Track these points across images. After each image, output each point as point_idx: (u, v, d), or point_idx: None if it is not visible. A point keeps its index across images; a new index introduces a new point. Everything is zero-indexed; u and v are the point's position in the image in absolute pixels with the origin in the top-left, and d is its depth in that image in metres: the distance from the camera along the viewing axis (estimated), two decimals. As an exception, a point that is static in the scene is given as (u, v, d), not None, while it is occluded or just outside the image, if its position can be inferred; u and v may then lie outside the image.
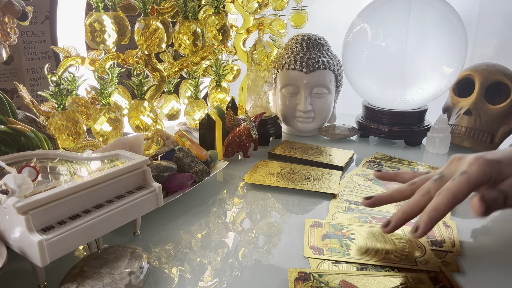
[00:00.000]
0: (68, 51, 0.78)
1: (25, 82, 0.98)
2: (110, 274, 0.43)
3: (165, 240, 0.56)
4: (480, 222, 0.61)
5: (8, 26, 0.65)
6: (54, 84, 0.68)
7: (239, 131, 0.84)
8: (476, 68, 0.93)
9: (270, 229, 0.60)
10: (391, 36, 0.87)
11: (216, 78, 1.00)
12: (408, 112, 0.96)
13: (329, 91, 0.97)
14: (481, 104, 0.89)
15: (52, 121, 0.69)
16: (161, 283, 0.47)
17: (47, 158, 0.54)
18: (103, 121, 0.73)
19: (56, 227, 0.42)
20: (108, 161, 0.53)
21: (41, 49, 0.99)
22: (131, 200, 0.49)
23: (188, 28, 0.82)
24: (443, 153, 0.90)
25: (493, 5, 1.21)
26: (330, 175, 0.76)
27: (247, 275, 0.49)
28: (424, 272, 0.48)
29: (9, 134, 0.55)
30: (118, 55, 0.81)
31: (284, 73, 0.97)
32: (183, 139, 0.72)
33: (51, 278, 0.45)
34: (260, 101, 0.96)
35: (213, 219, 0.63)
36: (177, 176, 0.65)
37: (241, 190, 0.73)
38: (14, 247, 0.43)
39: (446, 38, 0.86)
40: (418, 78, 0.88)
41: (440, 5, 0.88)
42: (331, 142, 0.98)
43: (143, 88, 0.77)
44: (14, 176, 0.41)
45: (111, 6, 0.76)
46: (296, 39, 1.00)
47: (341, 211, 0.63)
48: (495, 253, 0.54)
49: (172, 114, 0.97)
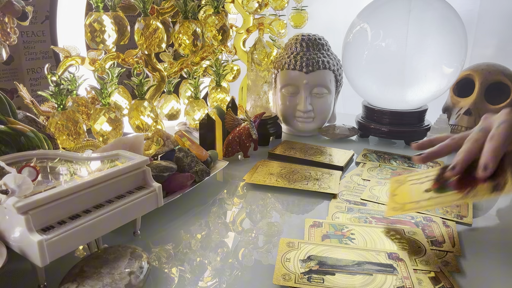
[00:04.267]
0: (68, 51, 0.78)
1: (25, 82, 0.98)
2: (110, 274, 0.43)
3: (165, 240, 0.56)
4: (480, 222, 0.61)
5: (8, 26, 0.65)
6: (54, 84, 0.68)
7: (239, 131, 0.84)
8: (476, 68, 0.93)
9: (270, 229, 0.60)
10: (391, 36, 0.87)
11: (216, 78, 1.00)
12: (408, 112, 0.96)
13: (329, 91, 0.97)
14: (481, 104, 0.89)
15: (52, 121, 0.69)
16: (161, 283, 0.47)
17: (47, 158, 0.54)
18: (103, 121, 0.73)
19: (56, 227, 0.42)
20: (108, 161, 0.53)
21: (41, 49, 0.99)
22: (131, 200, 0.49)
23: (188, 28, 0.82)
24: (443, 153, 0.90)
25: (493, 5, 1.21)
26: (330, 175, 0.76)
27: (247, 275, 0.49)
28: (424, 272, 0.48)
29: (9, 134, 0.55)
30: (118, 55, 0.81)
31: (284, 73, 0.97)
32: (183, 139, 0.72)
33: (51, 278, 0.45)
34: (260, 101, 0.96)
35: (213, 219, 0.63)
36: (177, 176, 0.65)
37: (241, 190, 0.73)
38: (14, 247, 0.43)
39: (446, 38, 0.86)
40: (418, 78, 0.88)
41: (440, 5, 0.88)
42: (331, 142, 0.98)
43: (143, 88, 0.77)
44: (14, 176, 0.41)
45: (111, 6, 0.76)
46: (296, 39, 1.00)
47: (341, 211, 0.63)
48: (495, 253, 0.54)
49: (172, 114, 0.97)
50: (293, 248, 0.52)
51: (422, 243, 0.54)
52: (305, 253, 0.51)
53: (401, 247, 0.53)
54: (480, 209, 0.65)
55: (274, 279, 0.46)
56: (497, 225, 0.62)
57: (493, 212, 0.65)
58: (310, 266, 0.48)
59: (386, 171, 0.79)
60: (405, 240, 0.55)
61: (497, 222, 0.63)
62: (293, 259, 0.49)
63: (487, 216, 0.64)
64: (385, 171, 0.79)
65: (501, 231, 0.60)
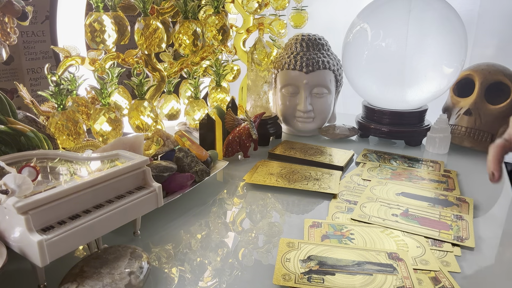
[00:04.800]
0: (68, 51, 0.78)
1: (25, 82, 0.98)
2: (110, 274, 0.43)
3: (165, 240, 0.56)
4: (479, 222, 0.61)
5: (8, 26, 0.65)
6: (54, 84, 0.68)
7: (239, 131, 0.84)
8: (476, 68, 0.93)
9: (270, 229, 0.59)
10: (391, 36, 0.87)
11: (216, 78, 1.00)
12: (408, 112, 0.95)
13: (329, 91, 0.97)
14: (481, 104, 0.89)
15: (52, 121, 0.69)
16: (161, 283, 0.47)
17: (47, 158, 0.54)
18: (103, 121, 0.73)
19: (56, 227, 0.42)
20: (108, 161, 0.53)
21: (41, 49, 0.99)
22: (131, 200, 0.49)
23: (188, 28, 0.82)
24: (443, 153, 0.90)
25: (493, 5, 1.21)
26: (330, 175, 0.76)
27: (247, 275, 0.49)
28: (424, 272, 0.48)
29: (9, 134, 0.55)
30: (118, 55, 0.81)
31: (284, 73, 0.97)
32: (183, 139, 0.72)
33: (51, 278, 0.45)
34: (260, 101, 0.96)
35: (213, 219, 0.63)
36: (177, 176, 0.65)
37: (241, 190, 0.73)
38: (14, 247, 0.43)
39: (446, 38, 0.86)
40: (418, 78, 0.88)
41: (440, 5, 0.88)
42: (331, 142, 0.98)
43: (143, 88, 0.77)
44: (14, 176, 0.41)
45: (111, 6, 0.76)
46: (296, 39, 1.00)
47: (341, 211, 0.63)
48: (495, 252, 0.54)
49: (172, 114, 0.97)
50: (293, 248, 0.52)
51: (422, 243, 0.54)
52: (305, 253, 0.51)
53: (401, 247, 0.53)
54: (480, 209, 0.65)
55: (274, 279, 0.46)
56: (497, 225, 0.62)
57: (493, 212, 0.65)
58: (310, 266, 0.48)
59: (386, 171, 0.79)
60: (405, 240, 0.55)
61: (497, 222, 0.63)
62: (293, 259, 0.49)
63: (487, 216, 0.64)
64: (385, 171, 0.79)
65: (501, 232, 0.60)
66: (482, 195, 0.70)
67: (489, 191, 0.72)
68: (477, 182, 0.76)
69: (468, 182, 0.76)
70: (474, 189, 0.73)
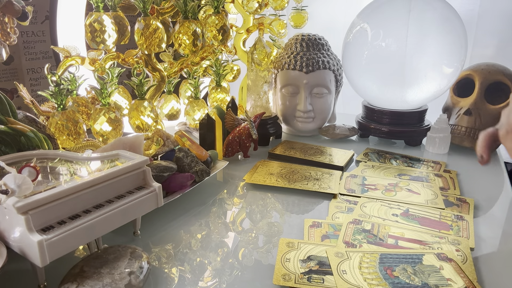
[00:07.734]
0: (68, 51, 0.78)
1: (25, 82, 0.98)
2: (110, 274, 0.43)
3: (165, 240, 0.56)
4: (479, 222, 0.61)
5: (8, 26, 0.65)
6: (54, 84, 0.68)
7: (239, 131, 0.84)
8: (476, 68, 0.93)
9: (270, 229, 0.59)
10: (391, 36, 0.87)
11: (216, 78, 1.00)
12: (408, 112, 0.96)
13: (329, 91, 0.97)
14: (481, 104, 0.89)
15: (52, 121, 0.69)
16: (161, 283, 0.47)
17: (47, 158, 0.54)
18: (103, 121, 0.73)
19: (56, 227, 0.42)
20: (108, 161, 0.53)
21: (41, 49, 0.99)
22: (131, 200, 0.49)
23: (188, 28, 0.82)
24: (443, 153, 0.90)
25: (493, 5, 1.21)
26: (330, 175, 0.76)
27: (247, 275, 0.49)
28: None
29: (9, 134, 0.55)
30: (118, 55, 0.81)
31: (284, 73, 0.97)
32: (183, 139, 0.72)
33: (51, 278, 0.45)
34: (260, 101, 0.96)
35: (213, 219, 0.63)
36: (177, 176, 0.65)
37: (241, 190, 0.73)
38: (14, 247, 0.43)
39: (446, 38, 0.86)
40: (418, 78, 0.88)
41: (440, 5, 0.88)
42: (331, 142, 0.98)
43: (143, 88, 0.77)
44: (14, 176, 0.41)
45: (111, 6, 0.76)
46: (296, 39, 1.00)
47: (341, 211, 0.63)
48: (495, 252, 0.54)
49: (172, 114, 0.97)
50: (293, 248, 0.52)
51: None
52: (305, 253, 0.51)
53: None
54: (480, 209, 0.65)
55: (274, 279, 0.46)
56: (497, 225, 0.62)
57: (493, 212, 0.65)
58: (310, 266, 0.48)
59: (386, 171, 0.79)
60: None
61: (497, 223, 0.63)
62: (293, 259, 0.49)
63: (487, 216, 0.64)
64: (385, 171, 0.79)
65: (501, 231, 0.60)
66: (482, 195, 0.70)
67: (489, 191, 0.72)
68: (477, 182, 0.76)
69: (468, 182, 0.76)
70: (474, 189, 0.73)
